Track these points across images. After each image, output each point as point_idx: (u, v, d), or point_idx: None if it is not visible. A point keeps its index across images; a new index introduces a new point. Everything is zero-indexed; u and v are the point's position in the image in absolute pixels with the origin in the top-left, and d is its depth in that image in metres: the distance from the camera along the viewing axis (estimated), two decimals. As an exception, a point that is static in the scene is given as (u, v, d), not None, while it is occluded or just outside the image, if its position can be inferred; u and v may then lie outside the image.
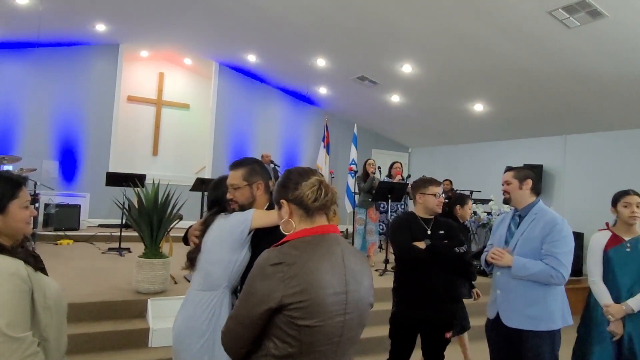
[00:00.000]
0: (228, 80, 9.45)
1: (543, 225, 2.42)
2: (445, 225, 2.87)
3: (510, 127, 8.16)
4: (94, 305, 3.73)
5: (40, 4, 6.01)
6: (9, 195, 1.37)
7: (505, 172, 2.64)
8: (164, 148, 9.27)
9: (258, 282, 1.25)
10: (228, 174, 2.12)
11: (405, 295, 2.77)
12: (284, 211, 1.38)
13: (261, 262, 1.28)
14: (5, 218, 1.36)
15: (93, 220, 7.97)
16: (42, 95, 7.87)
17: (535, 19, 4.78)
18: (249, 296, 1.26)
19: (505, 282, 2.49)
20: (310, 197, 1.34)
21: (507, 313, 2.46)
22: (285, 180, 1.40)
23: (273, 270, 1.23)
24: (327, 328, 1.25)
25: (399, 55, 6.64)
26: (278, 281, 1.22)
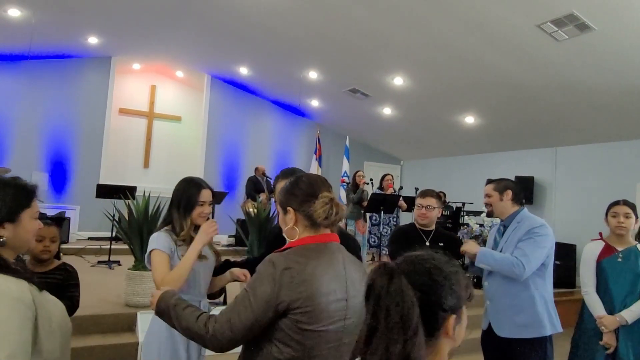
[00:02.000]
0: (220, 92, 9.47)
1: (523, 231, 2.46)
2: (445, 237, 2.87)
3: (501, 139, 8.24)
4: (82, 319, 3.64)
5: (33, 17, 6.00)
6: (24, 203, 1.26)
7: (485, 185, 2.68)
8: (155, 160, 9.21)
9: (267, 286, 1.26)
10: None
11: None
12: (289, 218, 1.40)
13: (268, 266, 1.29)
14: (17, 228, 1.24)
15: (82, 233, 7.86)
16: (34, 107, 7.82)
17: (525, 32, 4.86)
18: (257, 298, 1.26)
19: (493, 292, 2.50)
20: (322, 216, 1.35)
21: (498, 323, 2.46)
22: (295, 189, 1.41)
23: (282, 275, 1.26)
24: (329, 333, 1.29)
25: (390, 67, 6.70)
26: (287, 285, 1.25)
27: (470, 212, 8.14)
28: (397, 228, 3.10)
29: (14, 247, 1.27)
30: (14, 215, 1.24)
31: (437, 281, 0.90)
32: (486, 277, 2.56)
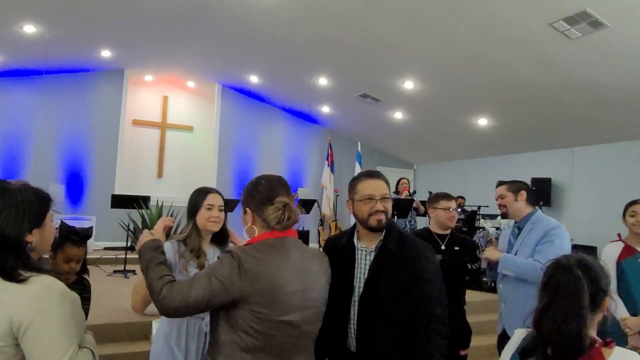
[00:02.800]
0: (231, 101, 9.54)
1: (539, 233, 2.43)
2: (461, 241, 2.85)
3: (516, 141, 8.13)
4: (98, 328, 3.66)
5: (47, 32, 6.13)
6: (46, 207, 1.33)
7: (497, 187, 2.65)
8: (168, 170, 9.30)
9: (226, 270, 1.35)
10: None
11: None
12: (248, 218, 1.51)
13: (228, 256, 1.39)
14: (43, 232, 1.32)
15: (99, 243, 7.95)
16: (50, 121, 7.97)
17: (537, 31, 4.80)
18: (215, 278, 1.34)
19: (507, 295, 2.47)
20: (273, 220, 1.45)
21: (512, 327, 2.38)
22: (254, 192, 1.52)
23: (240, 267, 1.35)
24: (288, 322, 1.39)
25: (400, 71, 6.67)
26: (244, 277, 1.34)
27: (486, 216, 8.03)
28: (413, 233, 3.06)
29: (39, 250, 1.34)
30: (41, 221, 1.30)
31: (599, 272, 1.28)
32: (500, 280, 2.52)
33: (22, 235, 1.24)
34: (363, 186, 1.79)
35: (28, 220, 1.25)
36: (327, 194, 9.84)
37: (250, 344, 1.36)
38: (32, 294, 1.16)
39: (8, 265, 1.19)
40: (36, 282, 1.19)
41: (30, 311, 1.14)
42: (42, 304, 1.16)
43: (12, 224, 1.22)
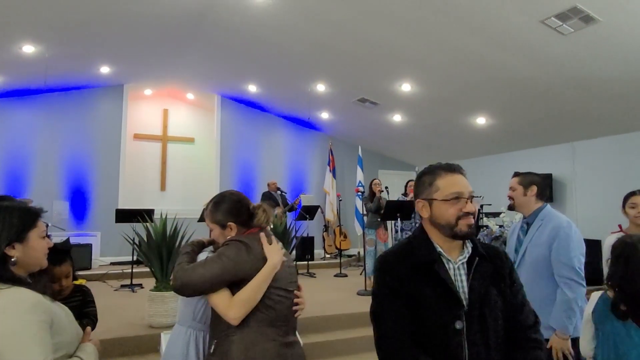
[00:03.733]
0: (230, 111, 9.60)
1: (549, 231, 2.38)
2: None
3: (515, 138, 8.14)
4: (107, 343, 3.68)
5: (46, 51, 6.21)
6: (29, 224, 1.35)
7: (512, 178, 2.63)
8: (171, 182, 9.35)
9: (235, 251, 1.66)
10: None
11: None
12: (231, 231, 1.79)
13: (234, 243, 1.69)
14: (25, 248, 1.33)
15: (105, 258, 7.99)
16: (51, 139, 8.04)
17: (529, 29, 4.83)
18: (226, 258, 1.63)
19: None
20: (264, 222, 1.82)
21: None
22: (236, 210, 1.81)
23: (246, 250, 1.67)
24: (289, 291, 1.76)
25: (397, 74, 6.72)
26: (251, 258, 1.67)
27: (489, 214, 8.03)
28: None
29: (26, 265, 1.35)
30: (22, 235, 1.33)
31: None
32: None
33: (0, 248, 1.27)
34: (446, 182, 1.49)
35: (6, 234, 1.29)
36: (330, 199, 9.86)
37: (272, 315, 1.66)
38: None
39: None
40: (4, 295, 1.22)
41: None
42: (7, 316, 1.18)
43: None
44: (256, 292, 1.64)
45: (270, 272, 1.68)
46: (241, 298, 1.63)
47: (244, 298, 1.63)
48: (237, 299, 1.63)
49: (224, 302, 1.63)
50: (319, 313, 4.57)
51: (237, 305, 1.61)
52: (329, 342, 4.20)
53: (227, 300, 1.63)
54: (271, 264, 1.69)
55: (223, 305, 1.62)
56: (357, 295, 5.67)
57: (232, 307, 1.61)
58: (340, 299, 5.44)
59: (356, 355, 4.16)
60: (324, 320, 4.51)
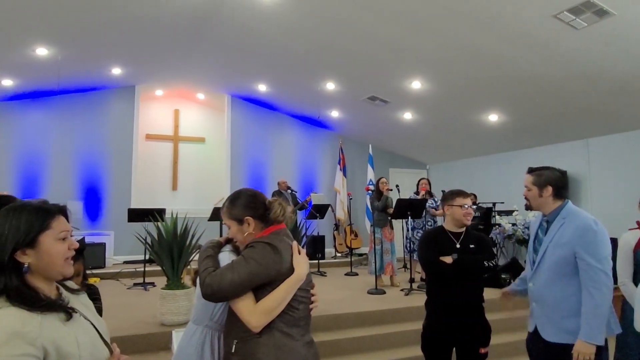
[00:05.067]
0: (241, 111, 9.64)
1: (574, 230, 2.20)
2: (477, 238, 2.81)
3: (528, 135, 8.04)
4: (119, 340, 3.71)
5: (59, 54, 6.30)
6: (38, 226, 1.19)
7: (526, 174, 2.46)
8: (183, 182, 9.43)
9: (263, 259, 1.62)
10: None
11: (435, 308, 2.75)
12: (249, 226, 1.75)
13: (260, 246, 1.65)
14: (38, 253, 1.18)
15: (118, 257, 8.09)
16: (65, 140, 8.17)
17: (541, 24, 4.76)
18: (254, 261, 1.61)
19: (539, 294, 2.32)
20: (280, 215, 1.78)
21: (545, 326, 2.28)
22: (252, 204, 1.78)
23: (273, 252, 1.64)
24: (308, 291, 1.77)
25: (406, 72, 6.67)
26: (279, 260, 1.65)
27: (501, 212, 7.95)
28: (426, 232, 3.04)
29: (43, 272, 1.21)
30: (31, 239, 1.18)
31: None
32: (530, 277, 2.39)
33: (4, 255, 1.14)
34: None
35: (12, 239, 1.16)
36: (340, 198, 9.85)
37: (297, 314, 1.68)
38: None
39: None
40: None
41: None
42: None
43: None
44: (280, 303, 1.63)
45: (296, 284, 1.67)
46: (265, 308, 1.61)
47: (268, 308, 1.61)
48: (260, 307, 1.61)
49: (248, 308, 1.61)
50: (329, 312, 4.56)
51: (261, 314, 1.60)
52: (339, 341, 4.19)
53: (252, 306, 1.61)
54: (297, 275, 1.68)
55: (247, 311, 1.61)
56: (367, 294, 5.65)
57: (255, 315, 1.60)
58: (351, 297, 5.43)
59: (366, 354, 4.15)
60: (334, 319, 4.50)
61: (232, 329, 1.69)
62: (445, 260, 2.65)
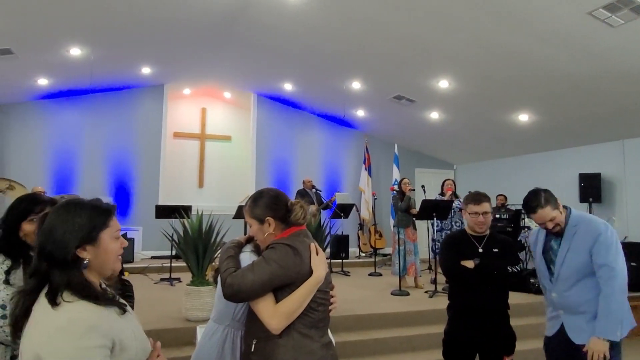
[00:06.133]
0: (266, 110, 9.71)
1: (589, 235, 2.31)
2: (501, 242, 2.70)
3: (560, 136, 7.79)
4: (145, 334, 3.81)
5: (92, 54, 6.49)
6: (100, 224, 1.24)
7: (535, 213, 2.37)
8: (209, 179, 9.57)
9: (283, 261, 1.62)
10: None
11: (457, 314, 2.68)
12: (269, 227, 1.75)
13: (282, 246, 1.66)
14: (97, 250, 1.23)
15: (146, 252, 8.28)
16: (96, 137, 8.41)
17: (575, 22, 4.60)
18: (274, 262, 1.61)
19: (564, 302, 2.38)
20: (301, 218, 1.78)
21: (575, 331, 2.34)
22: (274, 205, 1.78)
23: (294, 254, 1.65)
24: (327, 292, 1.76)
25: (434, 71, 6.57)
26: (299, 262, 1.65)
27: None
28: (448, 236, 2.97)
29: (98, 269, 1.26)
30: (92, 235, 1.23)
31: None
32: (552, 288, 2.42)
33: (69, 251, 1.18)
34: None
35: (75, 235, 1.20)
36: (365, 197, 9.79)
37: (316, 316, 1.68)
38: (58, 326, 1.11)
39: (54, 281, 1.17)
40: (65, 310, 1.13)
41: (51, 348, 1.09)
42: (63, 339, 1.10)
43: (59, 239, 1.18)
44: (299, 305, 1.64)
45: (315, 286, 1.67)
46: (284, 310, 1.62)
47: (287, 311, 1.62)
48: (280, 310, 1.62)
49: (268, 310, 1.62)
50: (352, 312, 4.54)
51: (280, 316, 1.61)
52: (362, 342, 4.16)
53: (272, 308, 1.62)
54: (316, 277, 1.68)
55: (267, 313, 1.62)
56: (391, 295, 5.60)
57: (274, 317, 1.61)
58: (374, 298, 5.39)
59: (389, 356, 4.11)
60: (357, 319, 4.48)
61: (251, 328, 1.71)
62: (467, 265, 2.57)
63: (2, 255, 1.81)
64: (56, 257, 1.17)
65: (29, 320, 1.16)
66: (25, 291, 1.20)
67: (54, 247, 1.18)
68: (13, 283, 1.75)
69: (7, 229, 1.85)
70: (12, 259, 1.80)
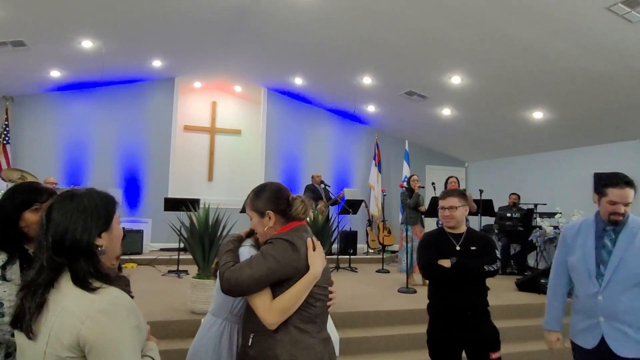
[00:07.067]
0: (277, 104, 9.68)
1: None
2: (479, 240, 2.67)
3: (576, 134, 7.63)
4: (151, 325, 3.79)
5: (103, 47, 6.51)
6: (112, 210, 1.32)
7: (628, 189, 2.26)
8: (218, 173, 9.58)
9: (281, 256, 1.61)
10: None
11: (437, 313, 2.67)
12: (269, 220, 1.75)
13: (278, 243, 1.65)
14: (110, 235, 1.30)
15: (155, 244, 8.33)
16: (107, 130, 8.47)
17: (592, 17, 4.47)
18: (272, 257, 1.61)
19: (611, 308, 2.20)
20: (301, 213, 1.78)
21: (620, 342, 2.18)
22: (276, 198, 1.78)
23: (292, 250, 1.64)
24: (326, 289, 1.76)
25: (446, 67, 6.47)
26: (297, 257, 1.65)
27: (543, 214, 7.61)
28: (425, 234, 2.95)
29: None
30: (109, 223, 1.29)
31: None
32: (600, 291, 2.24)
33: (92, 240, 1.24)
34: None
35: (96, 224, 1.25)
36: (374, 194, 9.73)
37: (313, 311, 1.67)
38: (100, 308, 1.16)
39: (80, 270, 1.20)
40: (104, 294, 1.19)
41: (96, 328, 1.14)
42: (108, 320, 1.15)
43: (82, 229, 1.22)
44: (295, 301, 1.64)
45: (312, 282, 1.67)
46: (280, 306, 1.62)
47: (283, 306, 1.62)
48: (276, 305, 1.62)
49: (265, 305, 1.62)
50: (358, 308, 4.50)
51: (276, 312, 1.61)
52: (367, 339, 4.12)
53: (268, 303, 1.63)
54: (313, 272, 1.67)
55: (263, 308, 1.62)
56: (397, 292, 5.55)
57: (270, 313, 1.61)
58: (381, 295, 5.34)
59: (395, 354, 4.07)
60: (363, 316, 4.44)
61: (249, 322, 1.71)
62: (444, 264, 2.55)
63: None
64: (81, 247, 1.21)
65: (50, 310, 1.18)
66: (39, 283, 1.20)
67: (78, 236, 1.22)
68: (10, 279, 1.63)
69: (6, 218, 1.72)
70: (8, 253, 1.68)
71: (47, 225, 1.22)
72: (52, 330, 1.16)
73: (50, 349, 1.15)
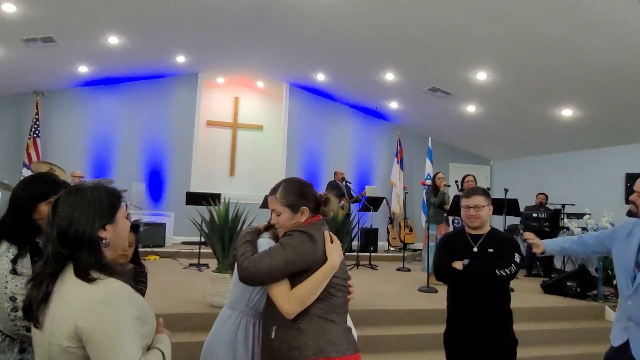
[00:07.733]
0: (298, 100, 9.67)
1: None
2: (499, 242, 2.53)
3: (606, 133, 7.36)
4: (171, 317, 3.87)
5: (129, 43, 6.61)
6: (116, 204, 1.34)
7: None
8: (240, 168, 9.65)
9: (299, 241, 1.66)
10: None
11: (452, 315, 2.61)
12: (303, 215, 1.78)
13: (299, 233, 1.68)
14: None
15: (177, 237, 8.45)
16: (132, 124, 8.62)
17: (625, 10, 4.28)
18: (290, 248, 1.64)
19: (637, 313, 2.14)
20: (334, 210, 1.88)
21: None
22: (307, 194, 1.82)
23: (310, 241, 1.68)
24: (346, 280, 1.78)
25: (472, 62, 6.32)
26: (315, 248, 1.68)
27: (571, 215, 7.38)
28: (444, 235, 2.89)
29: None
30: (112, 216, 1.32)
31: None
32: (630, 296, 2.19)
33: (95, 232, 1.26)
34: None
35: (99, 216, 1.27)
36: (396, 191, 9.63)
37: (335, 302, 1.69)
38: (98, 298, 1.17)
39: (83, 261, 1.22)
40: (103, 284, 1.20)
41: (92, 318, 1.15)
42: (104, 310, 1.16)
43: (85, 221, 1.24)
44: (313, 291, 1.65)
45: (330, 272, 1.69)
46: (298, 295, 1.63)
47: (302, 295, 1.63)
48: (294, 294, 1.63)
49: (283, 294, 1.64)
50: (378, 306, 4.47)
51: (294, 301, 1.63)
52: (386, 337, 4.08)
53: (286, 293, 1.64)
54: (331, 263, 1.69)
55: (282, 297, 1.63)
56: (418, 291, 5.47)
57: (288, 302, 1.62)
58: (401, 294, 5.28)
59: (413, 353, 4.02)
60: (383, 314, 4.40)
61: (270, 315, 1.71)
62: (456, 267, 2.47)
63: (7, 241, 1.65)
64: (84, 239, 1.23)
65: (53, 301, 1.21)
66: (45, 274, 1.23)
67: (81, 229, 1.24)
68: (21, 272, 1.61)
69: (20, 209, 1.69)
70: (18, 246, 1.65)
71: (52, 218, 1.25)
72: (54, 320, 1.18)
73: (53, 339, 1.18)
